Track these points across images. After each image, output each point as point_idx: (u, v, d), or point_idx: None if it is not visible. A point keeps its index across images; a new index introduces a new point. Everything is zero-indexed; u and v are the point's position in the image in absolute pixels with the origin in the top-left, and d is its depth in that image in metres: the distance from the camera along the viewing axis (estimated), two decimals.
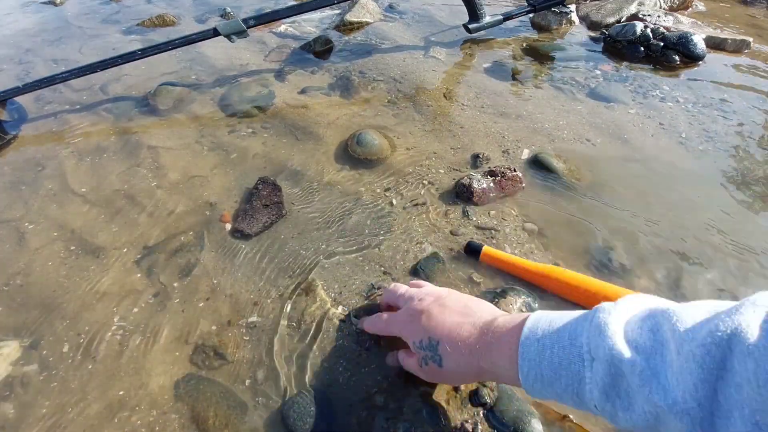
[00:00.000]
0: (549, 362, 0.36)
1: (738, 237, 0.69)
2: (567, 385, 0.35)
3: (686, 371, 0.28)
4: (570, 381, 0.35)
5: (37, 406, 0.54)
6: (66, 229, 0.76)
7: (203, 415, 0.52)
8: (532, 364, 0.37)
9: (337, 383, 0.54)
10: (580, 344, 0.35)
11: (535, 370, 0.37)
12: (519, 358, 0.38)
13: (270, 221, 0.74)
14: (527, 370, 0.38)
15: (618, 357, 0.32)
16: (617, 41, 1.18)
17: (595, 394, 0.33)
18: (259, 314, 0.62)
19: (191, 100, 1.06)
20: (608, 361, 0.32)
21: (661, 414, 0.30)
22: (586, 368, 0.34)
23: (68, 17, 1.57)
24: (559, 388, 0.36)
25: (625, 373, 0.31)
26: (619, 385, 0.32)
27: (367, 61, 1.17)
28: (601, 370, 0.33)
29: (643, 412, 0.31)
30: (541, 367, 0.37)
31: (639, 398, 0.31)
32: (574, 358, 0.35)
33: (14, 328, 0.62)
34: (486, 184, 0.77)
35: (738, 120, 0.93)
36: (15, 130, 1.01)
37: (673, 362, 0.30)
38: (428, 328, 0.46)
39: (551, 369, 0.36)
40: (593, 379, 0.33)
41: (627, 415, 0.32)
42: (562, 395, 0.36)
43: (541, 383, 0.37)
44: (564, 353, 0.36)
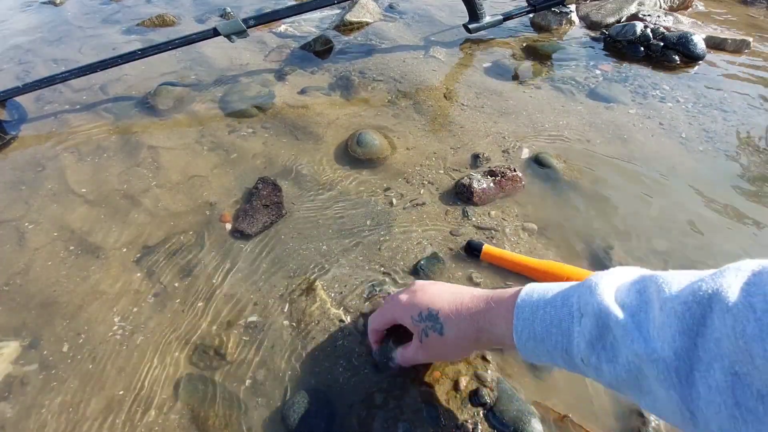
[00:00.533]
0: (541, 320, 0.38)
1: (738, 237, 0.69)
2: (557, 342, 0.37)
3: (666, 325, 0.30)
4: (560, 338, 0.37)
5: (37, 406, 0.54)
6: (66, 229, 0.76)
7: (203, 415, 0.52)
8: (525, 323, 0.39)
9: (337, 383, 0.54)
10: (570, 303, 0.37)
11: (528, 328, 0.39)
12: (514, 318, 0.40)
13: (270, 221, 0.74)
14: (521, 329, 0.39)
15: (605, 311, 0.34)
16: (617, 41, 1.18)
17: (582, 347, 0.35)
18: (259, 314, 0.62)
19: (191, 100, 1.06)
20: (596, 315, 0.34)
21: (642, 365, 0.31)
22: (575, 324, 0.36)
23: (68, 17, 1.57)
24: (549, 346, 0.38)
25: (611, 326, 0.33)
26: (605, 337, 0.34)
27: (367, 61, 1.17)
28: (589, 323, 0.35)
29: (627, 362, 0.32)
30: (534, 325, 0.38)
31: (623, 349, 0.32)
32: (565, 316, 0.37)
33: (14, 328, 0.62)
34: (486, 184, 0.77)
35: (738, 120, 0.93)
36: (15, 130, 1.01)
37: (655, 318, 0.31)
38: (427, 300, 0.47)
39: (543, 327, 0.38)
40: (581, 333, 0.35)
41: (611, 367, 0.33)
42: (552, 353, 0.38)
43: (533, 341, 0.39)
44: (555, 312, 0.38)
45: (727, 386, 0.26)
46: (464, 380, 0.53)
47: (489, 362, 0.55)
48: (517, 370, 0.55)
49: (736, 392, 0.26)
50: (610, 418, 0.50)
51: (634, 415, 0.50)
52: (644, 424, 0.50)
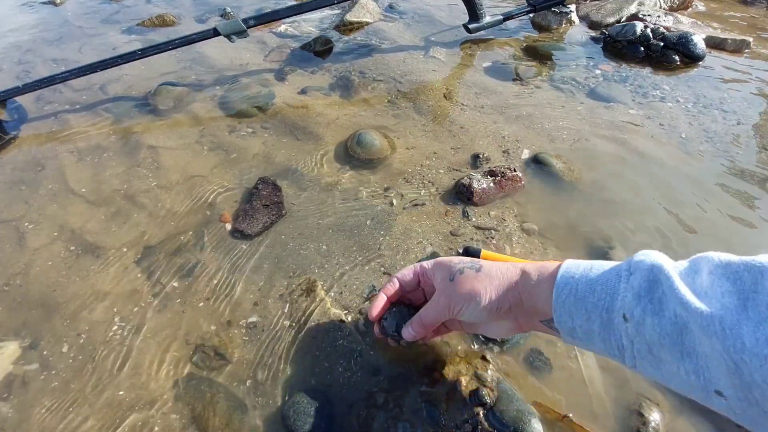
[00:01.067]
0: (586, 279, 0.38)
1: (739, 237, 0.69)
2: (599, 300, 0.36)
3: (717, 285, 0.31)
4: (603, 295, 0.36)
5: (37, 406, 0.54)
6: (66, 229, 0.76)
7: (203, 415, 0.52)
8: (568, 281, 0.39)
9: (337, 383, 0.54)
10: (619, 267, 0.37)
11: (570, 286, 0.38)
12: (558, 276, 0.39)
13: (270, 221, 0.74)
14: (563, 286, 0.39)
15: (658, 267, 0.34)
16: (617, 41, 1.18)
17: (628, 299, 0.35)
18: (259, 314, 0.62)
19: (191, 100, 1.06)
20: (648, 270, 0.35)
21: (689, 319, 0.31)
22: (622, 282, 0.36)
23: (68, 17, 1.57)
24: (590, 304, 0.37)
25: (662, 281, 0.34)
26: (654, 291, 0.34)
27: (367, 61, 1.17)
28: (639, 277, 0.35)
29: (673, 315, 0.32)
30: (577, 283, 0.38)
31: (671, 302, 0.32)
32: (612, 276, 0.37)
33: (14, 328, 0.62)
34: (486, 184, 0.77)
35: (738, 120, 0.93)
36: (15, 130, 1.01)
37: (704, 280, 0.32)
38: (468, 260, 0.47)
39: (587, 284, 0.37)
40: (628, 288, 0.35)
41: (656, 320, 0.33)
42: (590, 313, 0.37)
43: (574, 298, 0.38)
44: (602, 273, 0.38)
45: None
46: (464, 380, 0.53)
47: (489, 362, 0.55)
48: (517, 370, 0.55)
49: None
50: (610, 418, 0.50)
51: (634, 415, 0.50)
52: (644, 424, 0.50)
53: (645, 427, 0.49)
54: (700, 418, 0.50)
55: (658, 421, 0.50)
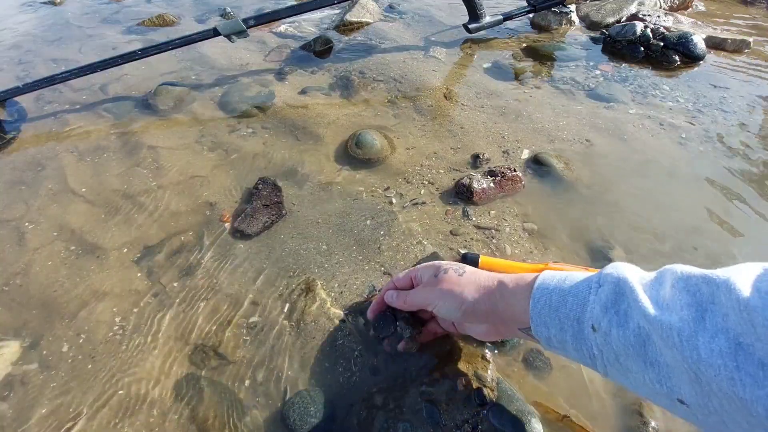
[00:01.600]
0: (559, 290, 0.40)
1: (739, 237, 0.69)
2: (570, 310, 0.39)
3: (677, 299, 0.33)
4: (575, 306, 0.38)
5: (38, 406, 0.54)
6: (66, 229, 0.76)
7: (203, 415, 0.52)
8: (544, 292, 0.41)
9: (337, 383, 0.54)
10: (590, 279, 0.39)
11: (545, 297, 0.41)
12: (534, 287, 0.42)
13: (270, 221, 0.74)
14: (539, 297, 0.41)
15: (624, 281, 0.36)
16: (617, 41, 1.18)
17: (596, 311, 0.37)
18: (259, 314, 0.62)
19: (191, 100, 1.06)
20: (615, 283, 0.37)
21: (652, 331, 0.33)
22: (591, 293, 0.38)
23: (68, 17, 1.57)
24: (562, 314, 0.39)
25: (627, 294, 0.36)
26: (619, 303, 0.36)
27: (367, 61, 1.17)
28: (607, 290, 0.37)
29: (636, 327, 0.34)
30: (551, 295, 0.40)
31: (635, 315, 0.34)
32: (583, 288, 0.39)
33: (14, 328, 0.62)
34: (486, 184, 0.77)
35: (738, 120, 0.93)
36: (15, 130, 1.01)
37: (666, 293, 0.34)
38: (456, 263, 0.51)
39: (560, 295, 0.40)
40: (597, 300, 0.37)
41: (620, 332, 0.35)
42: (563, 322, 0.39)
43: (548, 309, 0.40)
44: (575, 285, 0.40)
45: (730, 352, 0.28)
46: (464, 380, 0.53)
47: (489, 362, 0.55)
48: (517, 370, 0.55)
49: (738, 358, 0.28)
50: (610, 418, 0.50)
51: (635, 415, 0.50)
52: (644, 424, 0.50)
53: (645, 427, 0.49)
54: None
55: (658, 421, 0.50)
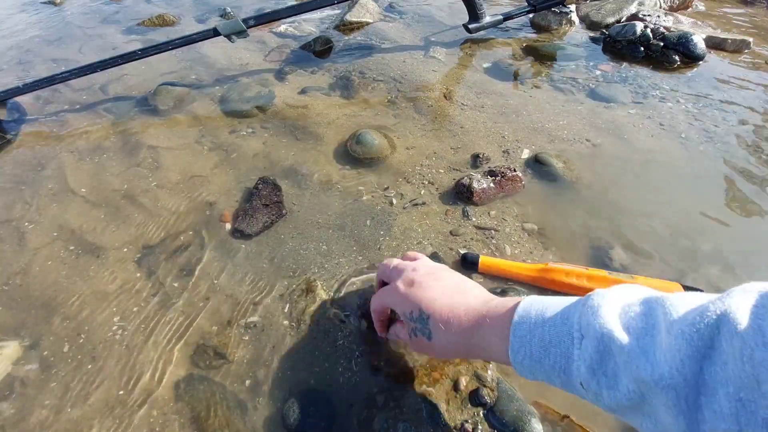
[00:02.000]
0: (539, 339, 0.37)
1: (739, 237, 0.69)
2: (555, 362, 0.36)
3: (674, 348, 0.29)
4: (558, 358, 0.36)
5: (38, 406, 0.54)
6: (66, 229, 0.76)
7: (203, 415, 0.52)
8: (522, 342, 0.38)
9: (337, 383, 0.54)
10: (571, 324, 0.36)
11: (525, 347, 0.38)
12: (510, 335, 0.38)
13: (270, 221, 0.74)
14: (517, 348, 0.38)
15: (608, 335, 0.32)
16: (617, 41, 1.18)
17: (582, 370, 0.34)
18: (259, 314, 0.62)
19: (191, 100, 1.06)
20: (598, 339, 0.33)
21: (647, 391, 0.30)
22: (575, 346, 0.35)
23: (68, 17, 1.57)
24: (547, 366, 0.36)
25: (614, 351, 0.32)
26: (606, 362, 0.33)
27: (367, 61, 1.17)
28: (590, 347, 0.33)
29: (628, 390, 0.31)
30: (531, 344, 0.37)
31: (624, 376, 0.31)
32: (564, 336, 0.35)
33: (14, 328, 0.62)
34: (486, 184, 0.77)
35: (738, 120, 0.93)
36: (15, 130, 1.01)
37: (662, 342, 0.30)
38: (420, 300, 0.46)
39: (541, 346, 0.37)
40: (581, 356, 0.34)
41: (611, 394, 0.32)
42: (549, 373, 0.37)
43: (530, 360, 0.37)
44: (554, 331, 0.36)
45: (732, 413, 0.26)
46: (464, 380, 0.53)
47: (489, 362, 0.55)
48: None
49: (741, 419, 0.25)
50: (610, 418, 0.50)
51: None
52: None
53: None
54: None
55: None
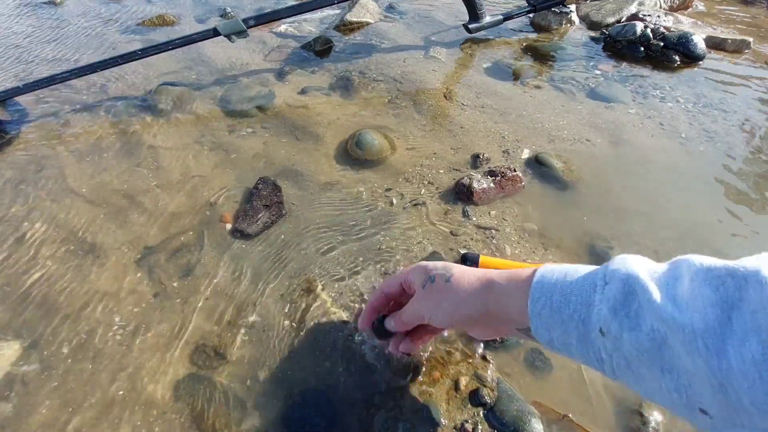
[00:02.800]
0: (561, 289, 0.36)
1: (740, 237, 0.69)
2: (575, 311, 0.35)
3: (698, 296, 0.29)
4: (579, 306, 0.35)
5: (38, 406, 0.54)
6: (66, 229, 0.76)
7: (203, 415, 0.52)
8: (543, 291, 0.37)
9: (337, 383, 0.54)
10: (595, 275, 0.35)
11: (545, 297, 0.37)
12: (532, 287, 0.38)
13: (270, 221, 0.74)
14: (538, 296, 0.37)
15: (634, 277, 0.32)
16: (617, 41, 1.18)
17: (603, 312, 0.33)
18: (259, 314, 0.62)
19: (191, 100, 1.06)
20: (623, 281, 0.33)
21: (669, 334, 0.29)
22: (597, 293, 0.34)
23: (68, 17, 1.57)
24: (565, 315, 0.35)
25: (638, 292, 0.31)
26: (630, 303, 0.32)
27: (367, 61, 1.17)
28: (615, 288, 0.33)
29: (651, 330, 0.30)
30: (552, 294, 0.36)
31: (648, 316, 0.30)
32: (587, 286, 0.35)
33: (14, 328, 0.62)
34: (486, 184, 0.77)
35: (738, 120, 0.93)
36: (15, 130, 1.01)
37: (685, 289, 0.30)
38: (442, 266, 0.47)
39: (562, 295, 0.36)
40: (604, 299, 0.33)
41: (633, 336, 0.31)
42: (567, 324, 0.35)
43: (549, 310, 0.36)
44: (578, 283, 0.36)
45: (765, 359, 0.25)
46: (464, 380, 0.53)
47: (489, 362, 0.55)
48: (517, 370, 0.55)
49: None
50: (610, 418, 0.50)
51: (634, 415, 0.50)
52: (644, 424, 0.50)
53: (645, 427, 0.49)
54: None
55: (658, 421, 0.50)
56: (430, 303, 0.45)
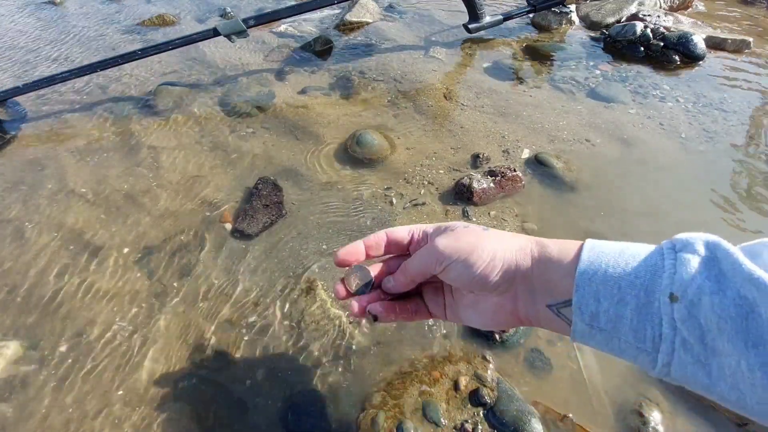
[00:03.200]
0: (617, 255, 0.31)
1: (740, 238, 0.69)
2: (636, 276, 0.30)
3: None
4: (641, 272, 0.30)
5: (37, 406, 0.54)
6: (66, 228, 0.76)
7: (203, 415, 0.52)
8: (596, 255, 0.32)
9: (337, 383, 0.54)
10: (659, 247, 0.31)
11: (599, 261, 0.31)
12: (583, 249, 0.32)
13: (270, 221, 0.74)
14: (591, 260, 0.32)
15: (714, 243, 0.29)
16: (617, 41, 1.18)
17: (680, 274, 0.28)
18: (259, 314, 0.62)
19: (191, 100, 1.06)
20: (705, 245, 0.29)
21: (760, 301, 0.25)
22: (666, 258, 0.30)
23: (68, 17, 1.57)
24: (624, 282, 0.30)
25: (720, 258, 0.28)
26: (711, 267, 0.28)
27: (367, 61, 1.17)
28: (692, 252, 0.29)
29: (737, 296, 0.26)
30: (607, 259, 0.31)
31: (736, 280, 0.27)
32: (653, 254, 0.31)
33: (14, 328, 0.62)
34: (486, 184, 0.77)
35: (738, 120, 0.93)
36: (15, 130, 1.01)
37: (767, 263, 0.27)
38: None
39: (619, 260, 0.31)
40: (678, 263, 0.29)
41: (715, 300, 0.27)
42: (624, 293, 0.30)
43: (603, 275, 0.31)
44: (639, 250, 0.31)
45: None
46: (464, 380, 0.53)
47: (489, 362, 0.55)
48: (517, 370, 0.55)
49: None
50: (610, 418, 0.50)
51: (634, 415, 0.50)
52: (644, 424, 0.50)
53: (645, 427, 0.49)
54: (700, 418, 0.50)
55: (658, 421, 0.50)
56: (457, 246, 0.36)
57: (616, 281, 0.30)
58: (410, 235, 0.41)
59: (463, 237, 0.37)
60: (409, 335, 0.58)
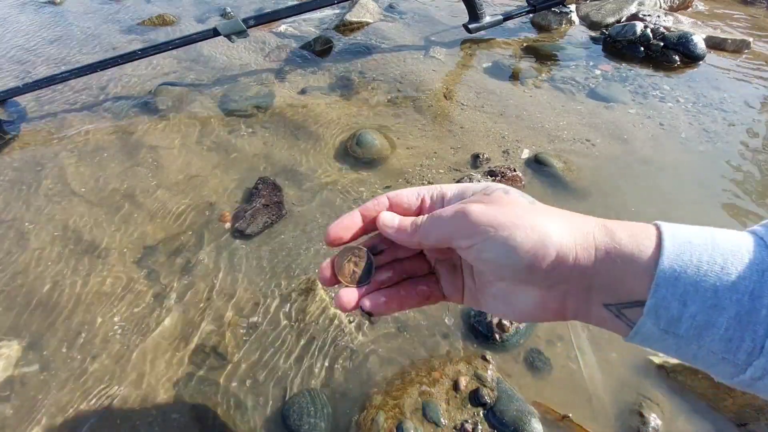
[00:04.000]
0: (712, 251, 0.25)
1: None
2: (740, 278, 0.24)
3: None
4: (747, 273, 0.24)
5: (38, 406, 0.54)
6: (66, 229, 0.76)
7: (203, 415, 0.52)
8: (684, 247, 0.25)
9: (337, 383, 0.54)
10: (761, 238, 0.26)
11: (687, 257, 0.25)
12: (664, 237, 0.26)
13: (270, 221, 0.74)
14: (677, 255, 0.25)
15: None
16: (617, 41, 1.18)
17: None
18: (259, 314, 0.62)
19: (191, 100, 1.06)
20: None
21: None
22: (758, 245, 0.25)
23: (68, 17, 1.57)
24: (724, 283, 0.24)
25: None
26: None
27: (367, 61, 1.17)
28: None
29: None
30: (699, 255, 0.25)
31: None
32: (758, 249, 0.25)
33: (14, 328, 0.62)
34: None
35: (738, 120, 0.93)
36: (15, 130, 1.01)
37: None
38: None
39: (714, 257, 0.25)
40: None
41: None
42: (721, 297, 0.24)
43: (695, 274, 0.25)
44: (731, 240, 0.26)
45: None
46: (464, 380, 0.53)
47: (489, 362, 0.55)
48: (517, 370, 0.55)
49: None
50: (610, 418, 0.50)
51: (635, 415, 0.50)
52: (644, 424, 0.50)
53: (645, 427, 0.49)
54: (700, 418, 0.50)
55: (658, 421, 0.50)
56: (499, 217, 0.27)
57: (711, 283, 0.24)
58: (419, 199, 0.32)
59: (506, 207, 0.28)
60: (409, 335, 0.58)
